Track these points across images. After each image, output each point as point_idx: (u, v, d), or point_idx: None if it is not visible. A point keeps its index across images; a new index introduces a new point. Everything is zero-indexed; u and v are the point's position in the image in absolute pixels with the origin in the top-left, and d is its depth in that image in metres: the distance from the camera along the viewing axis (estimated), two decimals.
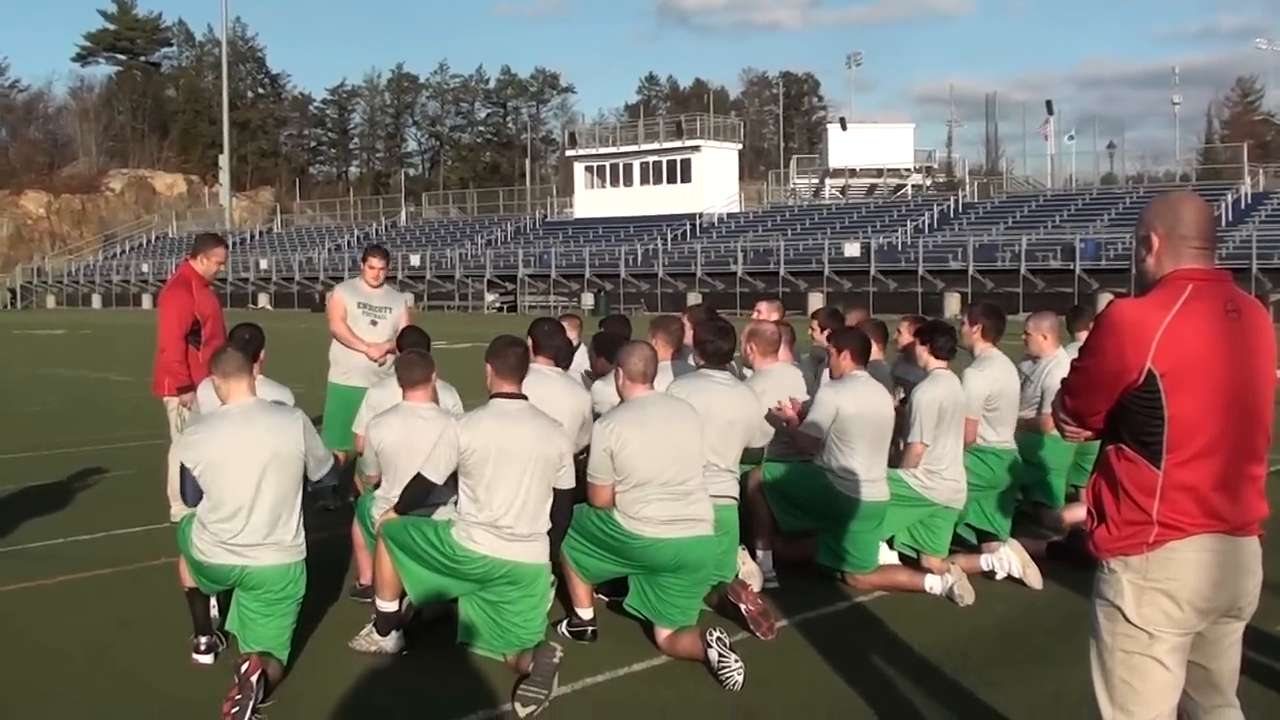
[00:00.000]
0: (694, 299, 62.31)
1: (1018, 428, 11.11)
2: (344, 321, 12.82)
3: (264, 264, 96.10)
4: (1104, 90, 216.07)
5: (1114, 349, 4.70)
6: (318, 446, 8.20)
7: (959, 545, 10.57)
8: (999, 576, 10.02)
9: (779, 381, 10.45)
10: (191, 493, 7.91)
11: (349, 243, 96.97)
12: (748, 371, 10.77)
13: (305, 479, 8.12)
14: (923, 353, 10.40)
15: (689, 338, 10.54)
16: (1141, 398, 4.66)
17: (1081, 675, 4.95)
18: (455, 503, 8.16)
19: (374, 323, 12.80)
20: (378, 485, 9.06)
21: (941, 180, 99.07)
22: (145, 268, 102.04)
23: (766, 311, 12.35)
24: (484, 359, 8.26)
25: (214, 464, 7.75)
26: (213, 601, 8.36)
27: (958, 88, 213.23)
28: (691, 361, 10.03)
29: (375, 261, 12.95)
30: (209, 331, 11.54)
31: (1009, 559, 10.04)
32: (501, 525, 7.88)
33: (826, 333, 11.50)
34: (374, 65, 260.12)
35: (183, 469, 7.93)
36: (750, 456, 9.94)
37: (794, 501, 10.02)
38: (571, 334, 11.61)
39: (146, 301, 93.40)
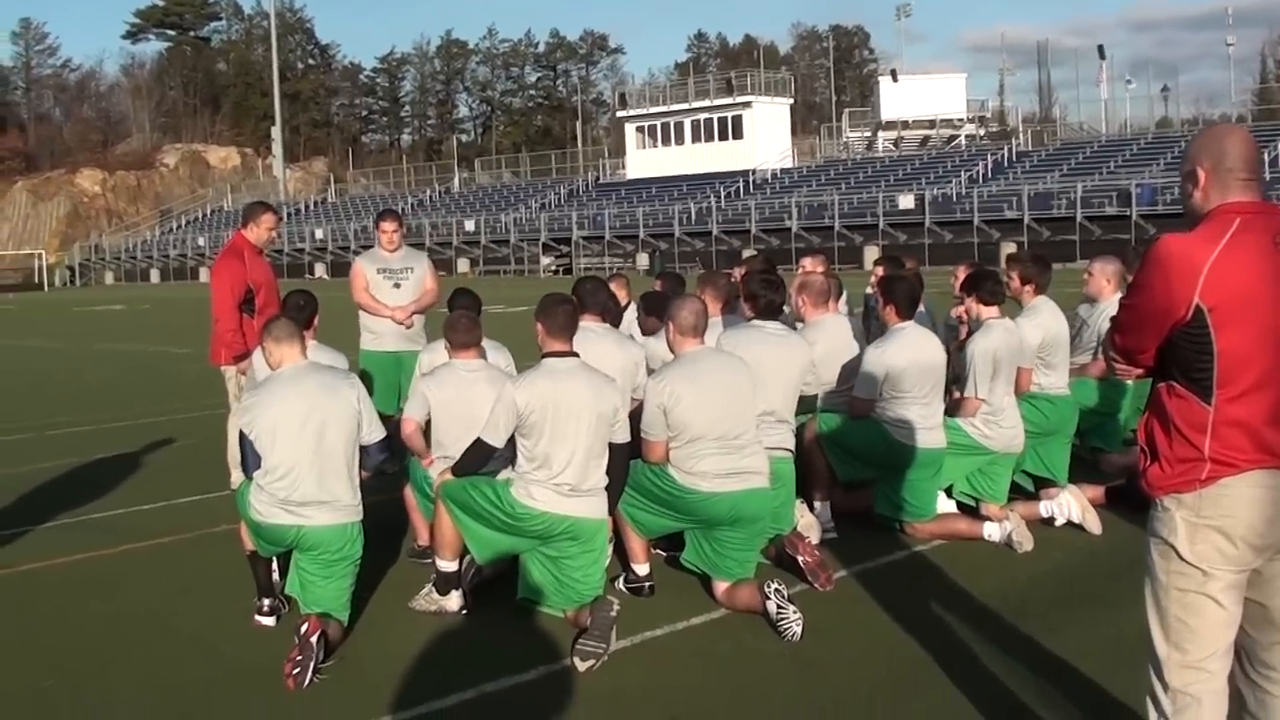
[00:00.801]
0: (748, 255, 62.07)
1: (1074, 372, 11.05)
2: (365, 291, 12.81)
3: (319, 234, 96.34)
4: (1157, 33, 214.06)
5: (1161, 285, 4.63)
6: (371, 410, 8.23)
7: (1017, 492, 10.52)
8: (1058, 523, 9.98)
9: (829, 333, 10.46)
10: (252, 460, 7.98)
11: (404, 210, 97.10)
12: (799, 325, 10.75)
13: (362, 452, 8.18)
14: (971, 303, 10.35)
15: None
16: (1190, 333, 4.60)
17: (1141, 619, 4.92)
18: (513, 462, 8.19)
19: (396, 285, 12.76)
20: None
21: (995, 129, 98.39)
22: (201, 241, 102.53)
23: (811, 266, 12.32)
24: (533, 318, 8.28)
25: (268, 427, 7.82)
26: (274, 564, 8.43)
27: (1008, 35, 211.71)
28: (744, 315, 10.00)
29: (387, 225, 12.88)
30: (263, 300, 11.58)
31: (1068, 505, 10.00)
32: (560, 482, 7.90)
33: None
34: (423, 32, 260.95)
35: (242, 437, 8.01)
36: (805, 407, 9.95)
37: (851, 452, 10.00)
38: (620, 294, 11.67)
39: (204, 275, 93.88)
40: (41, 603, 9.03)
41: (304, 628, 7.29)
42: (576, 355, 8.21)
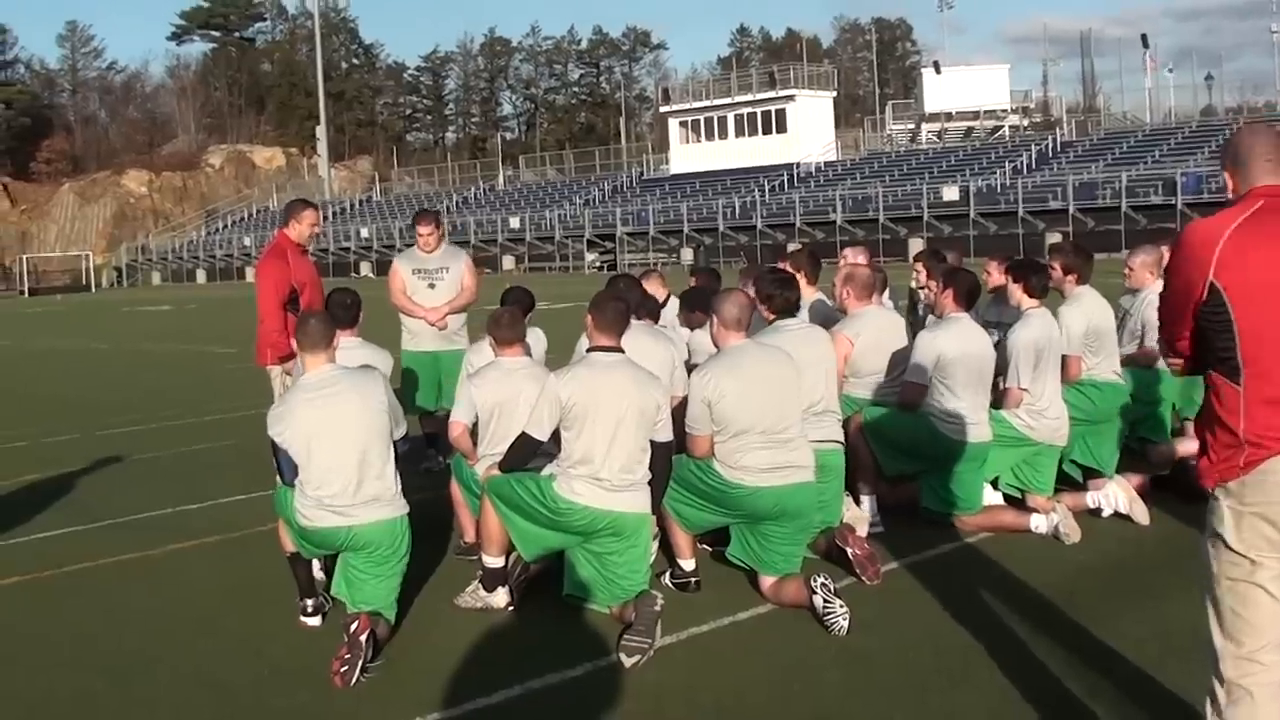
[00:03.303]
0: (794, 248, 61.96)
1: (1120, 362, 10.98)
2: (402, 293, 12.97)
3: (365, 232, 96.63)
4: (1201, 21, 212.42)
5: (1182, 266, 4.73)
6: (397, 405, 8.27)
7: (1064, 483, 10.47)
8: (1105, 513, 9.92)
9: (874, 324, 10.43)
10: (288, 468, 8.02)
11: (448, 208, 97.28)
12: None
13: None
14: (1016, 291, 10.27)
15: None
16: (1210, 312, 4.64)
17: (1190, 611, 4.88)
18: (556, 459, 8.19)
19: (431, 285, 12.88)
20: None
21: (1038, 120, 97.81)
22: (247, 241, 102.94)
23: (853, 257, 12.29)
24: (587, 311, 8.32)
25: (300, 437, 7.84)
26: (316, 564, 8.45)
27: (1051, 26, 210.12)
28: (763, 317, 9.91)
29: (422, 229, 13.03)
30: (307, 299, 11.57)
31: (1115, 495, 9.93)
32: (602, 477, 7.90)
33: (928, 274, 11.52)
34: (466, 30, 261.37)
35: (274, 446, 8.03)
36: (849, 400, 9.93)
37: (897, 445, 9.96)
38: (658, 290, 11.68)
39: (249, 274, 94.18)
40: (88, 602, 9.08)
41: (353, 626, 7.30)
42: (623, 351, 8.22)
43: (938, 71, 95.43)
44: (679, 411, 8.49)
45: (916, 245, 60.91)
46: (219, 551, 10.38)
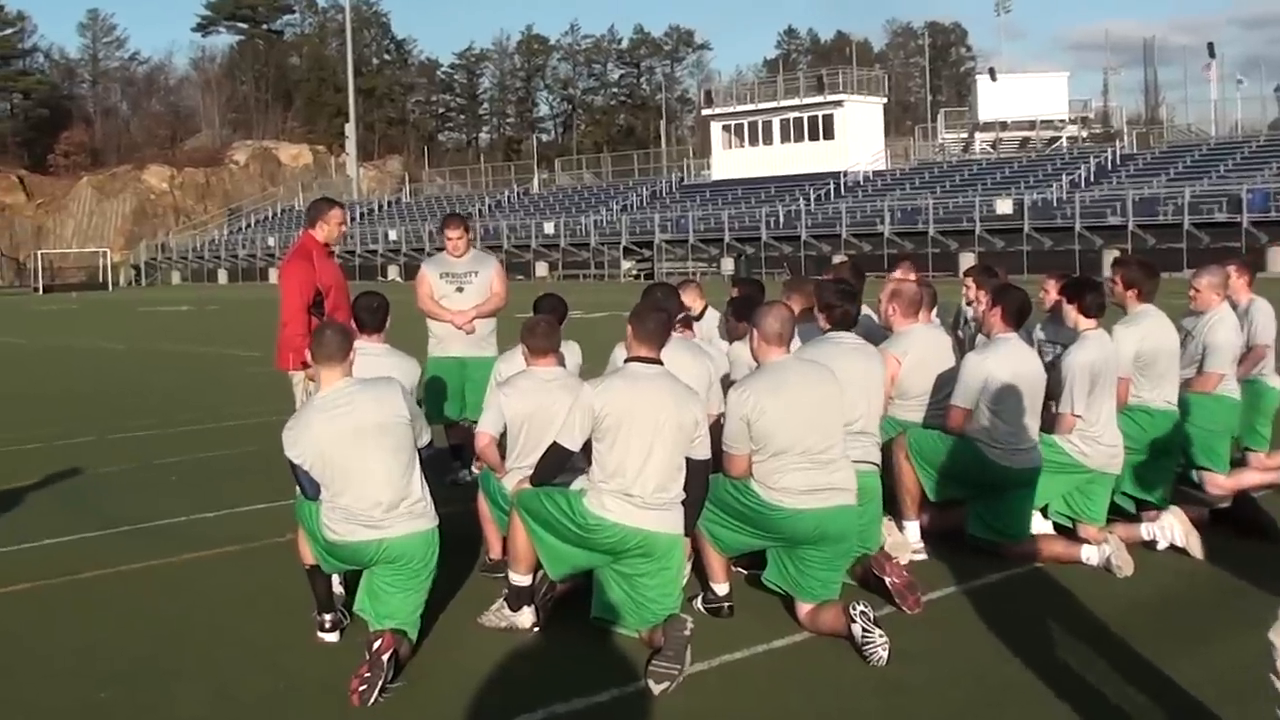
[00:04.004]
0: (839, 260, 61.82)
1: (1180, 387, 10.92)
2: (429, 298, 13.15)
3: (393, 235, 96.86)
4: (1270, 30, 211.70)
5: None
6: (419, 413, 8.31)
7: (1117, 513, 10.43)
8: (1160, 546, 9.86)
9: (921, 342, 10.44)
10: (308, 485, 8.02)
11: (480, 211, 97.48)
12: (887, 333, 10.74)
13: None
14: (1071, 311, 10.23)
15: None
16: None
17: (1249, 652, 4.85)
18: (587, 473, 8.20)
19: (459, 290, 13.05)
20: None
21: (1098, 131, 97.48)
22: (271, 241, 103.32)
23: (903, 274, 12.28)
24: (628, 321, 8.32)
25: (318, 457, 7.86)
26: (335, 578, 8.48)
27: (1113, 32, 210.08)
28: (819, 327, 9.92)
29: (451, 233, 13.18)
30: (332, 303, 11.56)
31: (1170, 527, 9.87)
32: (634, 493, 7.90)
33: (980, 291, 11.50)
34: (502, 27, 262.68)
35: (291, 465, 8.05)
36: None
37: (943, 469, 9.92)
38: (695, 301, 11.69)
39: (272, 276, 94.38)
40: (102, 611, 9.12)
41: (376, 644, 7.31)
42: (661, 364, 8.23)
43: (993, 78, 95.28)
44: (716, 429, 8.50)
45: (967, 260, 60.77)
46: (236, 561, 10.42)
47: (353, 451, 7.81)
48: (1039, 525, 10.05)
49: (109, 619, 8.93)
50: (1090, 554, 9.51)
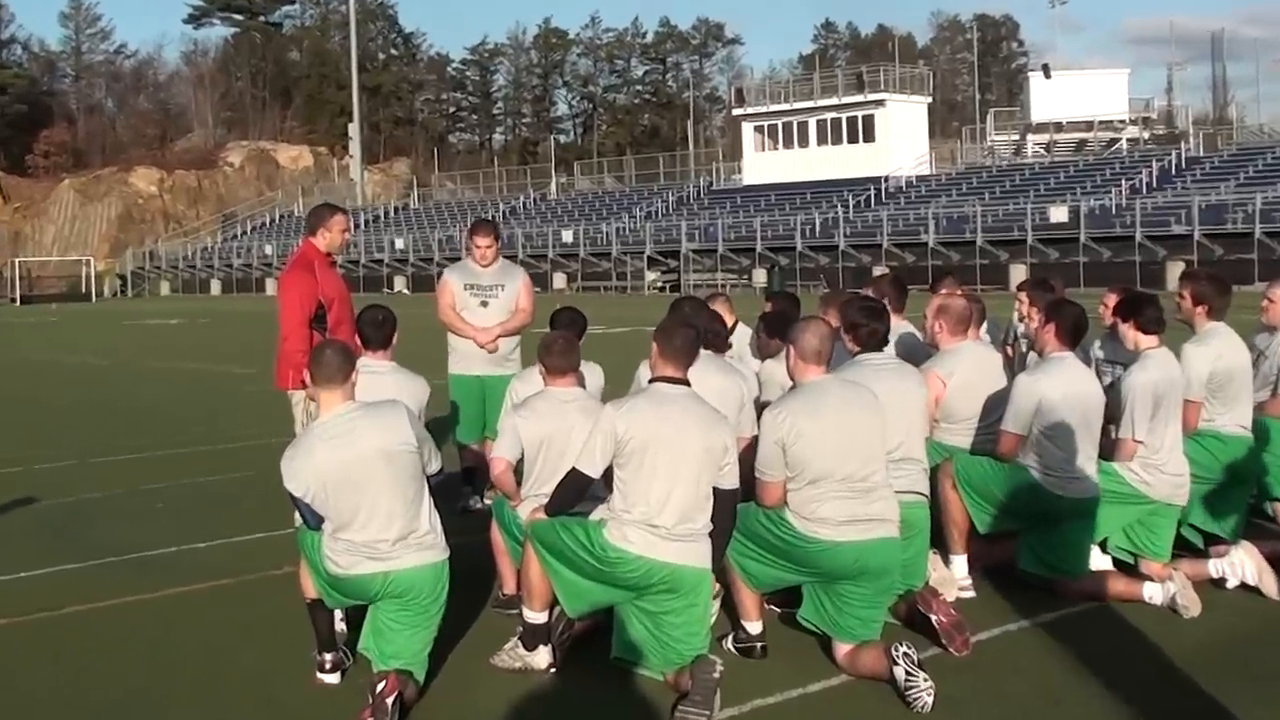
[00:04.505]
0: (879, 273, 61.57)
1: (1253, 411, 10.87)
2: (451, 309, 13.17)
3: (400, 243, 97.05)
4: None
5: None
6: (428, 437, 8.27)
7: (1183, 548, 10.39)
8: (1230, 584, 9.81)
9: (969, 362, 10.40)
10: (310, 517, 8.01)
11: (495, 218, 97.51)
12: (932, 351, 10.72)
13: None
14: (1128, 330, 10.21)
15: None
16: None
17: None
18: (608, 501, 8.20)
19: (484, 304, 13.10)
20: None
21: (1161, 132, 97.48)
22: (269, 250, 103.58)
23: (950, 289, 12.28)
24: (652, 337, 8.32)
25: (320, 487, 7.84)
26: (338, 614, 8.48)
27: (1178, 25, 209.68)
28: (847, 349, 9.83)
29: (480, 240, 13.20)
30: (335, 316, 11.54)
31: (1241, 564, 9.83)
32: (658, 524, 7.88)
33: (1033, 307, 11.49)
34: (518, 20, 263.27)
35: (290, 497, 8.05)
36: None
37: (992, 499, 9.89)
38: (724, 316, 11.67)
39: (270, 287, 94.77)
40: (86, 649, 9.12)
41: (380, 687, 7.30)
42: (689, 384, 8.22)
43: (1047, 75, 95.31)
44: (748, 455, 8.50)
45: (1018, 273, 60.74)
46: (231, 595, 10.42)
47: (357, 482, 7.80)
48: (1097, 560, 10.03)
49: (92, 657, 8.93)
50: (1153, 592, 9.47)
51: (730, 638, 8.71)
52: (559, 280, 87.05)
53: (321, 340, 9.50)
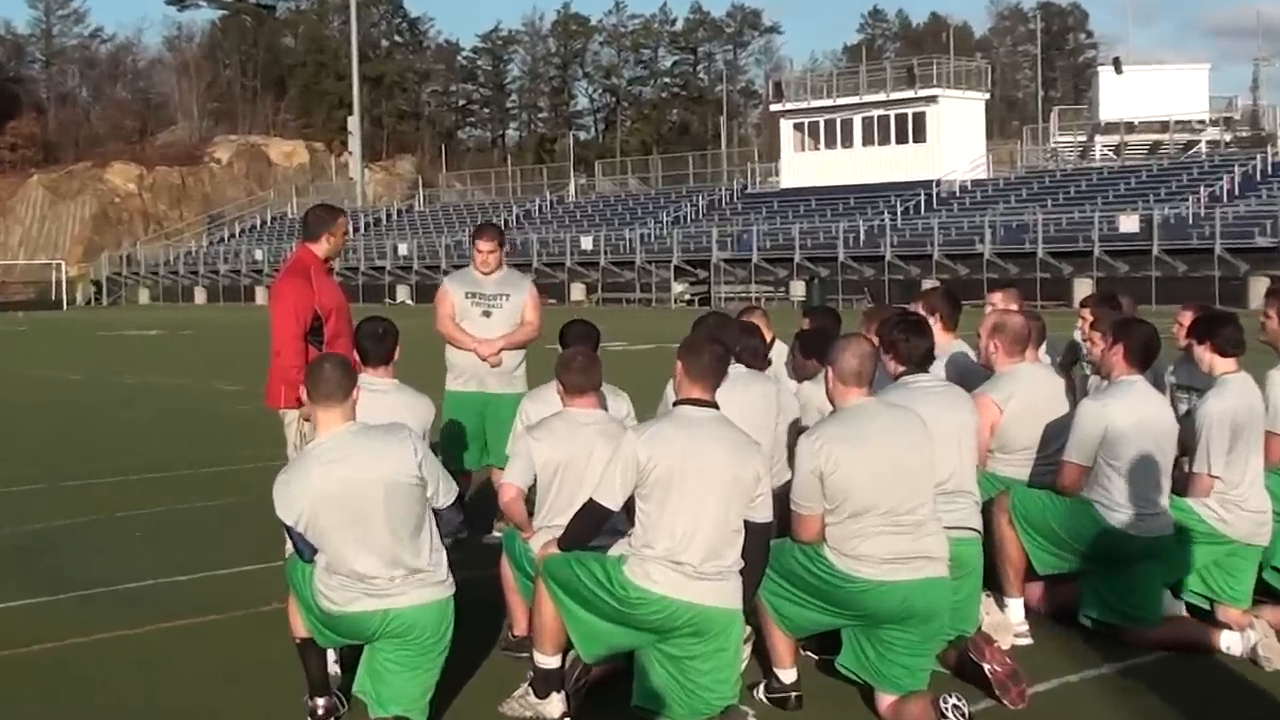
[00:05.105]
0: (929, 286, 61.00)
1: None
2: (450, 319, 13.20)
3: (403, 249, 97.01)
4: None
5: None
6: (436, 469, 8.18)
7: (1265, 594, 10.35)
8: None
9: (1027, 385, 10.37)
10: (304, 546, 8.00)
11: (507, 222, 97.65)
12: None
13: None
14: (1204, 353, 10.15)
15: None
16: None
17: None
18: (629, 536, 8.20)
19: (486, 314, 13.12)
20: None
21: (1244, 134, 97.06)
22: (259, 255, 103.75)
23: (1003, 302, 12.25)
24: (676, 355, 8.31)
25: (316, 515, 7.82)
26: (331, 654, 8.48)
27: (1266, 15, 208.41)
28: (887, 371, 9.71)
29: (484, 244, 13.24)
30: (333, 329, 11.51)
31: None
32: (684, 561, 7.88)
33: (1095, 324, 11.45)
34: (535, 6, 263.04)
35: (284, 525, 8.04)
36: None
37: (1053, 537, 9.86)
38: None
39: (260, 296, 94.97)
40: (59, 689, 9.15)
41: None
42: (717, 407, 8.23)
43: (1118, 70, 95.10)
44: (782, 486, 8.50)
45: (1084, 288, 60.53)
46: (214, 633, 10.44)
47: (355, 511, 7.79)
48: (1169, 606, 10.00)
49: (68, 700, 8.96)
50: (1231, 641, 9.45)
51: (762, 686, 8.70)
52: (577, 291, 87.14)
53: (318, 355, 9.49)
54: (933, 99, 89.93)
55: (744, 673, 8.40)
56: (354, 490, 7.80)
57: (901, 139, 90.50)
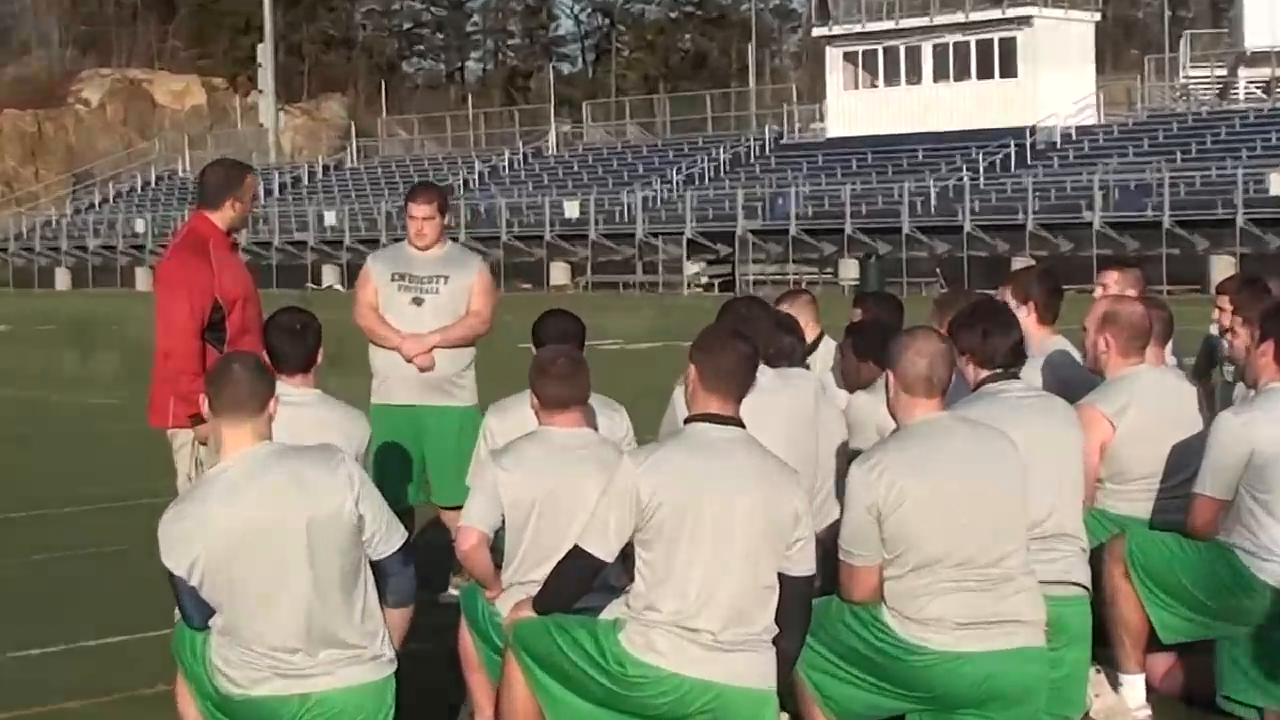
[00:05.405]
0: (1022, 266, 60.21)
1: None
2: (373, 309, 12.99)
3: (330, 218, 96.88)
4: None
5: None
6: (377, 504, 8.03)
7: None
8: None
9: (1149, 394, 10.32)
10: (194, 608, 7.88)
11: (466, 182, 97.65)
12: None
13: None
14: None
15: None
16: None
17: None
18: (627, 594, 8.20)
19: (416, 301, 12.89)
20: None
21: None
22: (140, 226, 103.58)
23: (1118, 285, 12.22)
24: (689, 357, 8.26)
25: (216, 565, 7.69)
26: None
27: None
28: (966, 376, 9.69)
29: (418, 209, 12.99)
30: (238, 323, 11.34)
31: None
32: (699, 627, 7.87)
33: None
34: None
35: (171, 576, 7.90)
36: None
37: (1181, 593, 9.85)
38: (807, 320, 11.63)
39: (142, 279, 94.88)
40: None
41: None
42: (742, 425, 8.19)
43: None
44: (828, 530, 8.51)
45: (1223, 268, 60.42)
46: None
47: (268, 560, 7.68)
48: None
49: None
50: None
51: None
52: (559, 273, 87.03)
53: (222, 355, 9.47)
54: (1026, 20, 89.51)
55: None
56: (268, 532, 7.66)
57: (985, 73, 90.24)
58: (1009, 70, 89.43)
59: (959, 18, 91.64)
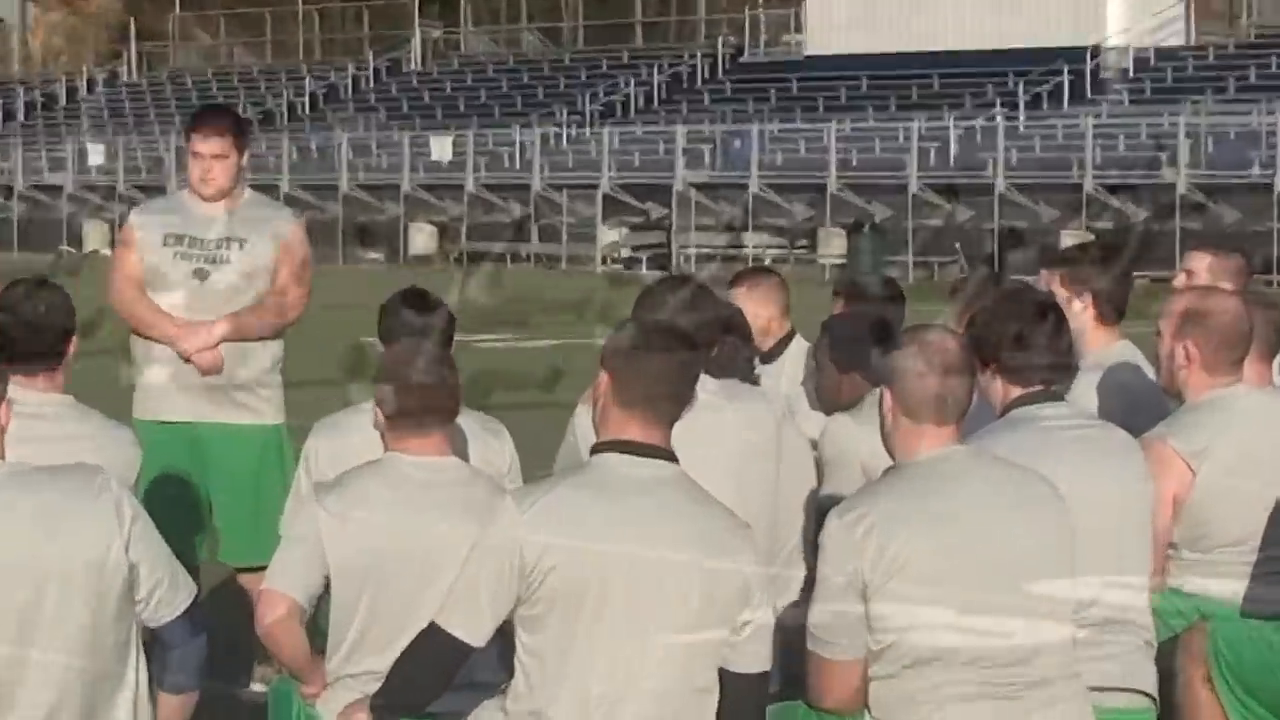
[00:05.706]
0: (1069, 241, 59.61)
1: None
2: (134, 285, 12.81)
3: (97, 155, 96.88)
4: None
5: None
6: (159, 547, 7.95)
7: None
8: None
9: (1245, 426, 10.36)
10: None
11: (285, 110, 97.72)
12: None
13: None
14: None
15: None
16: None
17: None
18: (503, 694, 8.19)
19: (199, 274, 12.72)
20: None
21: None
22: None
23: (1207, 272, 12.22)
24: (600, 361, 8.22)
25: None
26: None
27: None
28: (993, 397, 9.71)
29: (202, 144, 12.83)
30: None
31: None
32: None
33: None
34: None
35: None
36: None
37: (1274, 700, 9.92)
38: (760, 313, 11.65)
39: None
40: None
41: None
42: (673, 458, 8.12)
43: None
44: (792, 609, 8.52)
45: None
46: None
47: None
48: None
49: None
50: None
51: None
52: (421, 239, 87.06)
53: None
54: None
55: None
56: None
57: None
58: None
59: None
